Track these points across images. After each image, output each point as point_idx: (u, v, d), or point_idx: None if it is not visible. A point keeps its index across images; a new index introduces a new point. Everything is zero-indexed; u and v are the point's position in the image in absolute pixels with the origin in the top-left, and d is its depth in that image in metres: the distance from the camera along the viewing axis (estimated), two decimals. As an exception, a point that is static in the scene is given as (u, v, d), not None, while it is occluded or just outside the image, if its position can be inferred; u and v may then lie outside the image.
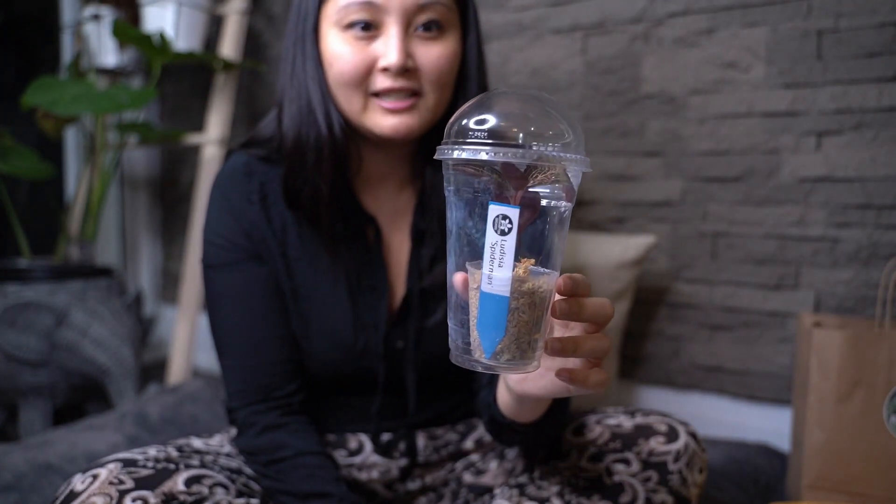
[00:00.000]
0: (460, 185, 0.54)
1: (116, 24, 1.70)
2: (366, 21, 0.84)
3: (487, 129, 0.52)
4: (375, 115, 0.86)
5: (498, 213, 0.51)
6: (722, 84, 1.41)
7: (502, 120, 0.52)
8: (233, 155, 0.97)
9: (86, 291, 1.67)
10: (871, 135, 1.28)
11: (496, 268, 0.52)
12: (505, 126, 0.52)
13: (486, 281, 0.53)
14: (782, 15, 1.34)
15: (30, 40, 2.25)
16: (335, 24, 0.85)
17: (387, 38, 0.84)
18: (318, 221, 0.91)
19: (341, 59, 0.85)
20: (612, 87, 1.54)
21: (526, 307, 0.54)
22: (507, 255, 0.51)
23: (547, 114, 0.53)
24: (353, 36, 0.84)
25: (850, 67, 1.29)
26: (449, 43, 0.87)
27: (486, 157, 0.51)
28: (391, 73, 0.84)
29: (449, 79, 0.89)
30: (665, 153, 1.49)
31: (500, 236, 0.51)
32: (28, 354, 1.59)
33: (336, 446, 0.97)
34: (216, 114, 1.95)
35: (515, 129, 0.51)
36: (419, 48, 0.85)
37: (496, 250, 0.52)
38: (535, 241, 0.54)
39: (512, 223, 0.51)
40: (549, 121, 0.53)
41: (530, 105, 0.55)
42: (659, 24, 1.47)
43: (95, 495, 0.72)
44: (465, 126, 0.54)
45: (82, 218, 2.00)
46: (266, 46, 2.14)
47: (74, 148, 2.27)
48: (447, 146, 0.54)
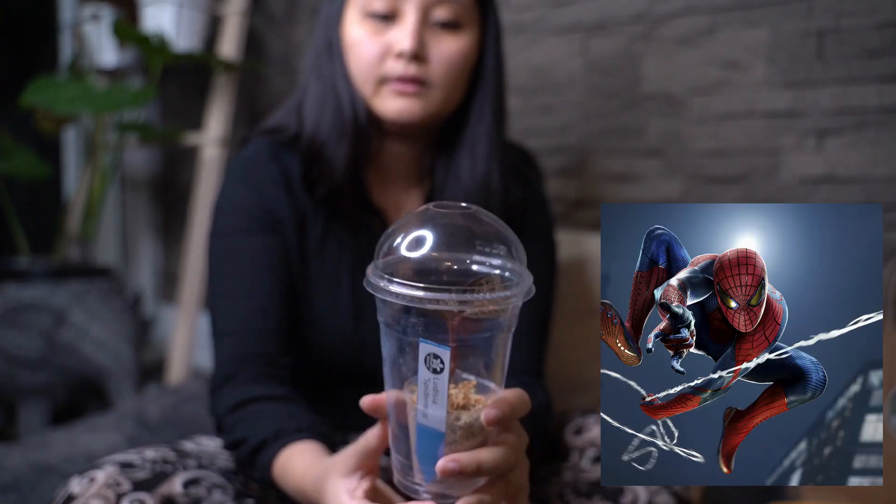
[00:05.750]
0: (389, 320, 0.52)
1: (116, 23, 1.70)
2: (386, 11, 0.88)
3: (420, 257, 0.49)
4: (385, 98, 0.90)
5: (429, 351, 0.48)
6: (722, 84, 1.41)
7: (434, 249, 0.49)
8: (253, 140, 0.98)
9: (86, 291, 1.66)
10: (871, 135, 1.28)
11: (430, 404, 0.50)
12: (437, 258, 0.49)
13: (421, 415, 0.51)
14: (783, 15, 1.34)
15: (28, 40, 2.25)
16: (358, 11, 0.90)
17: (403, 25, 0.88)
18: (334, 207, 0.92)
19: (359, 45, 0.90)
20: (612, 87, 1.54)
21: (463, 439, 0.52)
22: (440, 394, 0.49)
23: (484, 236, 0.51)
24: (373, 23, 0.89)
25: (851, 67, 1.28)
26: (464, 40, 0.90)
27: (417, 301, 0.48)
28: (403, 59, 0.88)
29: (460, 75, 0.91)
30: (665, 153, 1.48)
31: (432, 374, 0.49)
32: (28, 354, 1.59)
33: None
34: (216, 114, 1.95)
35: (448, 263, 0.49)
36: (433, 40, 0.89)
37: (429, 387, 0.50)
38: (479, 351, 0.52)
39: (443, 363, 0.48)
40: (484, 245, 0.50)
41: (466, 225, 0.51)
42: (659, 24, 1.47)
43: (93, 498, 0.72)
44: (396, 247, 0.51)
45: (82, 218, 1.99)
46: (266, 46, 2.14)
47: (74, 148, 2.27)
48: (377, 275, 0.50)
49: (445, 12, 0.89)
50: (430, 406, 0.50)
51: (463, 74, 0.92)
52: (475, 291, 0.48)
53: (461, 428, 0.52)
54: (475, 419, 0.52)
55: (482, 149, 0.94)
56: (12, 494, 1.16)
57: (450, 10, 0.89)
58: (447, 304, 0.47)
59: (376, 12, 0.89)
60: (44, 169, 1.80)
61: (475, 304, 0.48)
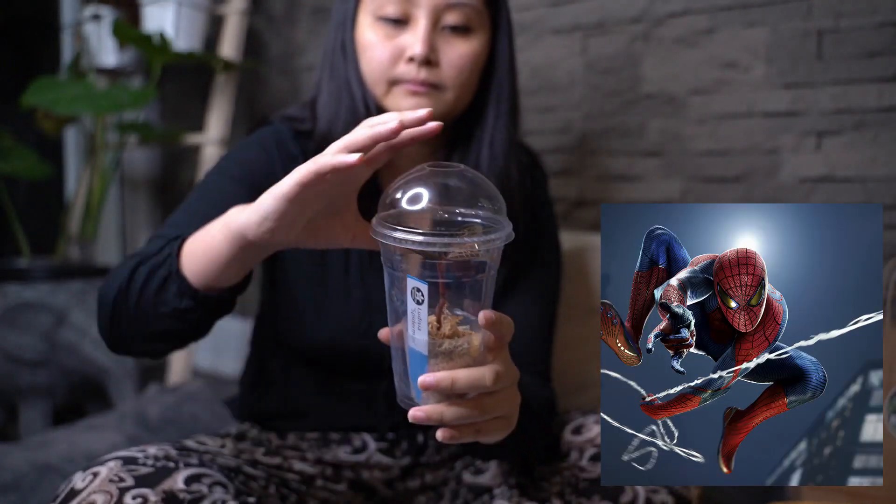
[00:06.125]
0: (387, 261, 0.62)
1: (116, 23, 1.70)
2: (398, 15, 0.90)
3: (416, 209, 0.59)
4: (397, 98, 0.92)
5: (413, 286, 0.59)
6: (722, 84, 1.41)
7: (429, 203, 0.59)
8: (275, 123, 0.99)
9: (86, 291, 1.67)
10: (871, 135, 1.28)
11: (416, 330, 0.60)
12: (431, 210, 0.59)
13: (410, 340, 0.62)
14: (782, 15, 1.34)
15: (29, 40, 2.25)
16: (371, 14, 0.91)
17: (415, 30, 0.90)
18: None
19: (371, 48, 0.91)
20: (612, 87, 1.54)
21: (444, 364, 0.61)
22: (422, 322, 0.60)
23: (471, 192, 0.60)
24: (385, 27, 0.91)
25: (851, 67, 1.29)
26: (474, 43, 0.92)
27: (412, 244, 0.57)
28: (415, 64, 0.89)
29: (470, 78, 0.93)
30: (665, 153, 1.49)
31: (416, 305, 0.60)
32: (28, 354, 1.59)
33: (340, 443, 0.98)
34: (216, 114, 1.95)
35: (441, 212, 0.59)
36: (444, 44, 0.91)
37: (415, 316, 0.60)
38: (467, 291, 0.61)
39: (423, 295, 0.59)
40: (471, 198, 0.60)
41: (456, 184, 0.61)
42: (659, 24, 1.47)
43: (96, 493, 0.73)
44: (397, 200, 0.61)
45: (82, 218, 1.99)
46: (266, 46, 2.14)
47: (74, 148, 2.27)
48: (381, 224, 0.60)
49: (456, 17, 0.91)
50: (416, 332, 0.60)
51: (473, 76, 0.94)
52: (460, 237, 0.58)
53: (442, 353, 0.61)
54: (456, 346, 0.62)
55: (500, 146, 0.96)
56: (13, 494, 1.16)
57: (460, 15, 0.91)
58: (435, 247, 0.57)
59: (388, 16, 0.90)
60: (45, 169, 1.81)
61: (458, 247, 0.57)
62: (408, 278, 0.60)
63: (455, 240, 0.57)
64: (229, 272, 0.73)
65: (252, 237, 0.67)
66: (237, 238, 0.68)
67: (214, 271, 0.73)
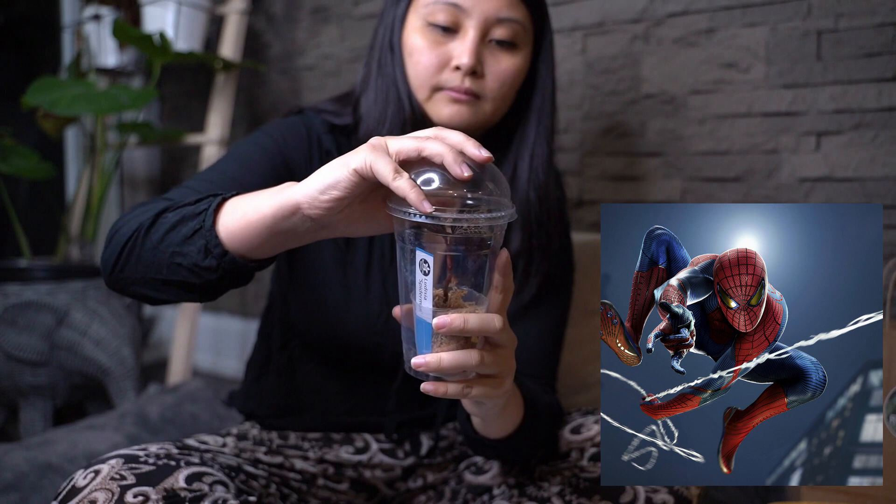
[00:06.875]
0: (398, 233, 0.66)
1: (116, 24, 1.70)
2: (448, 23, 0.91)
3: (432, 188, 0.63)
4: (438, 104, 0.94)
5: (420, 257, 0.64)
6: (722, 84, 1.41)
7: (440, 185, 0.63)
8: (307, 113, 1.00)
9: (86, 291, 1.67)
10: (870, 135, 1.28)
11: (423, 300, 0.65)
12: (442, 190, 0.63)
13: (418, 309, 0.66)
14: (782, 15, 1.34)
15: (30, 40, 2.25)
16: (421, 18, 0.93)
17: (464, 40, 0.92)
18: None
19: (419, 52, 0.93)
20: (612, 87, 1.54)
21: (446, 335, 0.65)
22: (427, 291, 0.64)
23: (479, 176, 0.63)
24: (433, 34, 0.92)
25: (850, 67, 1.29)
26: (518, 59, 0.95)
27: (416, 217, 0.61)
28: (461, 73, 0.91)
29: (510, 92, 0.96)
30: (665, 153, 1.49)
31: (423, 276, 0.64)
32: (28, 354, 1.59)
33: (343, 443, 0.98)
34: (216, 114, 1.95)
35: (451, 192, 0.62)
36: (490, 57, 0.93)
37: (422, 286, 0.64)
38: (473, 267, 0.66)
39: (429, 266, 0.63)
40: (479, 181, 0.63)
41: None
42: (659, 24, 1.47)
43: (97, 490, 0.73)
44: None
45: (82, 218, 2.00)
46: (266, 46, 2.14)
47: (74, 148, 2.27)
48: (396, 201, 0.63)
49: (504, 32, 0.93)
50: (423, 301, 0.64)
51: (512, 90, 0.96)
52: (468, 213, 0.62)
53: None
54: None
55: (540, 161, 0.98)
56: (13, 494, 1.16)
57: (509, 30, 0.93)
58: (444, 221, 0.61)
59: (438, 23, 0.92)
60: (45, 169, 1.81)
61: (464, 221, 0.62)
62: (416, 250, 0.64)
63: (462, 215, 0.62)
64: (264, 246, 0.70)
65: (307, 209, 0.65)
66: (289, 208, 0.66)
67: (251, 239, 0.70)
